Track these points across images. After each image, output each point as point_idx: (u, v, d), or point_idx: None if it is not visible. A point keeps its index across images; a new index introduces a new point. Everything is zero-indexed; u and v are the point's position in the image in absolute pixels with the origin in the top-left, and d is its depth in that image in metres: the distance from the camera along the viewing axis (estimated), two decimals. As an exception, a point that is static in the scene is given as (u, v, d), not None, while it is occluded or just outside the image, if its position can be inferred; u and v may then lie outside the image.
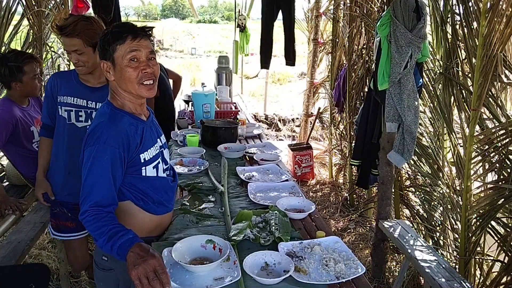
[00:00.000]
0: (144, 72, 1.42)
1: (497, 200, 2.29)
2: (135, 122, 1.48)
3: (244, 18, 6.51)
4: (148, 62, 1.44)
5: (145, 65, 1.43)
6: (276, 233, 1.60)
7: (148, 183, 1.51)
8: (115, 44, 1.41)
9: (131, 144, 1.42)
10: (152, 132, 1.57)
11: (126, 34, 1.41)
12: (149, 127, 1.55)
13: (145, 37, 1.44)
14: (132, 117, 1.48)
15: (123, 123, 1.43)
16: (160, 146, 1.60)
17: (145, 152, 1.48)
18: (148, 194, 1.52)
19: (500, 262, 2.34)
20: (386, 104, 2.54)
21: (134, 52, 1.41)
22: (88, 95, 2.04)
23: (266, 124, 7.24)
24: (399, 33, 2.37)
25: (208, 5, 70.62)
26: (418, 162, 3.05)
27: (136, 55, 1.41)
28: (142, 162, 1.47)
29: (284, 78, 13.34)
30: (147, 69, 1.43)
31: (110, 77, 1.45)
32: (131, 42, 1.41)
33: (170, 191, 1.63)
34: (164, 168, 1.59)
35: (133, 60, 1.41)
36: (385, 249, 2.92)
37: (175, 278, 1.35)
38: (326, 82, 4.95)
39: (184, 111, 3.83)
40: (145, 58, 1.43)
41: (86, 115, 2.04)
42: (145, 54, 1.43)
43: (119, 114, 1.45)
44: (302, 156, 4.73)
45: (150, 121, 1.59)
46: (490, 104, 2.37)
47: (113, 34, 1.42)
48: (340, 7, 4.36)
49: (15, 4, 3.61)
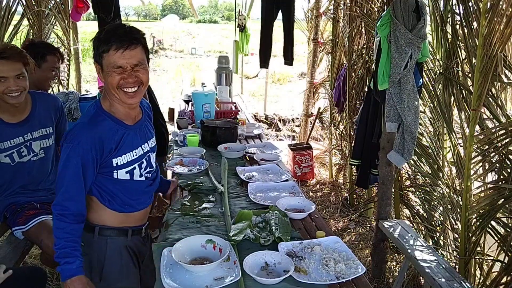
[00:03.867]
0: (125, 81, 1.42)
1: (497, 200, 2.29)
2: (115, 127, 1.48)
3: (244, 18, 6.50)
4: (133, 70, 1.42)
5: (128, 74, 1.42)
6: (276, 233, 1.60)
7: (119, 185, 1.53)
8: (101, 51, 1.40)
9: (104, 148, 1.45)
10: (136, 136, 1.56)
11: (110, 44, 1.38)
12: (134, 131, 1.55)
13: (132, 45, 1.40)
14: (115, 121, 1.49)
15: (101, 127, 1.45)
16: (147, 151, 1.60)
17: (119, 157, 1.49)
18: (116, 196, 1.54)
19: (500, 262, 2.34)
20: (386, 104, 2.53)
21: (117, 64, 1.40)
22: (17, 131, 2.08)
23: (266, 124, 7.24)
24: (399, 33, 2.37)
25: (208, 5, 70.59)
26: (418, 162, 3.05)
27: (120, 65, 1.40)
28: (114, 166, 1.49)
29: (284, 78, 13.34)
30: (129, 78, 1.42)
31: (101, 78, 1.46)
32: (115, 52, 1.39)
33: (144, 194, 1.63)
34: (142, 172, 1.59)
35: (117, 67, 1.40)
36: (385, 249, 2.92)
37: (175, 278, 1.35)
38: (326, 82, 4.94)
39: (184, 111, 3.83)
40: (130, 66, 1.41)
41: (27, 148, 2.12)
42: (129, 62, 1.41)
43: (101, 117, 1.47)
44: (302, 156, 4.73)
45: (139, 124, 1.58)
46: (490, 104, 2.37)
47: (100, 41, 1.41)
48: (340, 7, 4.36)
49: (15, 4, 3.61)
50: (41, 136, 2.18)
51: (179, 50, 21.68)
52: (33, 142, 2.14)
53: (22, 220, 2.09)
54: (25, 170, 2.13)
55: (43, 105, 2.19)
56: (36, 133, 2.15)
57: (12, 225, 2.14)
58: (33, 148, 2.14)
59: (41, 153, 2.18)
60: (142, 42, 1.45)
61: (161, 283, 1.31)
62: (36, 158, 2.16)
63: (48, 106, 2.23)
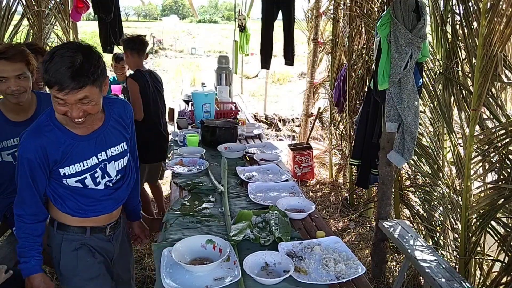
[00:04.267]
0: (70, 114, 1.34)
1: (497, 200, 2.29)
2: (62, 138, 1.43)
3: (244, 18, 6.51)
4: (78, 105, 1.32)
5: (73, 108, 1.32)
6: (276, 233, 1.60)
7: (71, 192, 1.50)
8: (45, 80, 1.29)
9: (49, 159, 1.42)
10: (89, 146, 1.48)
11: (51, 83, 1.27)
12: (87, 141, 1.48)
13: (73, 90, 1.28)
14: (64, 132, 1.43)
15: (46, 138, 1.40)
16: (103, 160, 1.52)
17: (66, 168, 1.45)
18: (68, 200, 1.51)
19: (500, 262, 2.34)
20: (386, 104, 2.53)
21: (60, 101, 1.31)
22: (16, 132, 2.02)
23: (266, 124, 7.24)
24: (399, 33, 2.37)
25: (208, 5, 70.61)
26: (418, 162, 3.05)
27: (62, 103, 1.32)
28: (62, 175, 1.46)
29: (284, 78, 13.34)
30: (73, 114, 1.33)
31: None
32: (57, 93, 1.29)
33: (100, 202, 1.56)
34: (100, 181, 1.53)
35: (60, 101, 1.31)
36: (385, 249, 2.92)
37: (175, 278, 1.35)
38: (326, 82, 4.94)
39: (184, 111, 3.83)
40: (74, 103, 1.31)
41: None
42: (74, 101, 1.31)
43: (48, 127, 1.42)
44: (302, 156, 4.73)
45: (96, 133, 1.50)
46: (490, 104, 2.37)
47: (44, 71, 1.28)
48: (340, 7, 4.36)
49: (15, 4, 3.61)
50: None
51: (179, 50, 21.69)
52: None
53: None
54: None
55: (48, 105, 2.20)
56: None
57: (12, 224, 2.14)
58: None
59: None
60: (91, 81, 1.30)
61: (161, 283, 1.31)
62: None
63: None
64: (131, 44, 3.05)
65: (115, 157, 1.57)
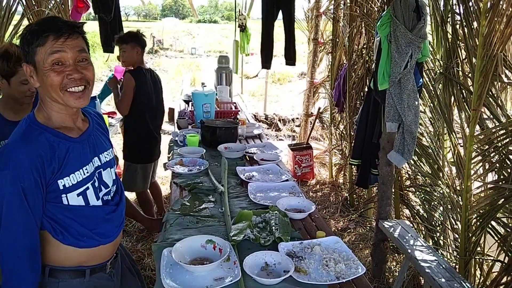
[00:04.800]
0: (69, 78, 1.18)
1: (497, 200, 2.29)
2: (56, 141, 1.21)
3: (244, 18, 6.51)
4: (77, 65, 1.20)
5: (71, 69, 1.18)
6: (276, 233, 1.60)
7: (72, 213, 1.24)
8: (35, 45, 1.16)
9: (46, 169, 1.17)
10: (85, 150, 1.28)
11: (46, 33, 1.15)
12: (81, 144, 1.27)
13: (73, 35, 1.18)
14: (55, 134, 1.22)
15: (38, 142, 1.17)
16: (97, 167, 1.32)
17: (66, 178, 1.21)
18: (70, 226, 1.24)
19: (500, 262, 2.34)
20: (386, 104, 2.53)
21: (57, 54, 1.16)
22: None
23: (266, 124, 7.24)
24: (399, 33, 2.37)
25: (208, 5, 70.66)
26: (418, 162, 3.05)
27: (60, 58, 1.17)
28: (61, 189, 1.21)
29: (284, 78, 13.34)
30: (74, 74, 1.18)
31: (35, 83, 1.20)
32: (53, 42, 1.15)
33: (106, 223, 1.33)
34: (99, 194, 1.31)
35: (56, 64, 1.17)
36: (385, 249, 2.92)
37: (175, 278, 1.35)
38: (326, 82, 4.95)
39: (184, 111, 3.83)
40: (72, 60, 1.18)
41: None
42: (71, 55, 1.18)
43: (36, 132, 1.19)
44: (302, 156, 4.73)
45: (86, 135, 1.31)
46: (490, 104, 2.37)
47: (32, 33, 1.16)
48: (340, 7, 4.36)
49: (15, 4, 3.61)
50: None
51: (179, 50, 21.70)
52: None
53: None
54: None
55: None
56: None
57: None
58: None
59: None
60: (83, 33, 1.23)
61: (161, 283, 1.31)
62: None
63: None
64: (136, 38, 3.01)
65: (108, 163, 1.38)
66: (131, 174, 3.23)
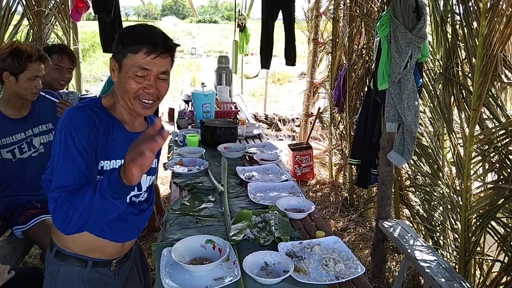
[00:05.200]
0: (145, 91, 1.24)
1: (497, 200, 2.28)
2: (111, 124, 1.27)
3: (244, 18, 6.50)
4: (156, 81, 1.25)
5: (149, 84, 1.24)
6: (276, 233, 1.60)
7: None
8: (127, 50, 1.21)
9: (99, 138, 1.22)
10: None
11: (142, 45, 1.20)
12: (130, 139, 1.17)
13: (164, 53, 1.23)
14: (113, 118, 1.29)
15: (96, 114, 1.24)
16: None
17: (107, 162, 1.25)
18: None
19: (500, 262, 2.34)
20: (386, 104, 2.54)
21: (143, 70, 1.22)
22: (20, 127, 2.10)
23: (266, 124, 7.24)
24: (399, 33, 2.37)
25: (208, 5, 70.68)
26: (418, 162, 3.05)
27: (145, 73, 1.22)
28: (99, 169, 1.24)
29: (284, 78, 13.34)
30: (150, 90, 1.24)
31: (114, 77, 1.27)
32: (144, 57, 1.20)
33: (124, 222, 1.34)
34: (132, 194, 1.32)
35: (139, 75, 1.22)
36: (385, 249, 2.92)
37: (175, 278, 1.35)
38: (326, 82, 4.94)
39: (184, 111, 3.83)
40: (153, 77, 1.24)
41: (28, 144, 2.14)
42: (155, 73, 1.23)
43: (98, 109, 1.27)
44: (302, 156, 4.73)
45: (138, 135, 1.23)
46: (490, 104, 2.37)
47: (129, 38, 1.22)
48: (340, 7, 4.36)
49: (15, 4, 3.61)
50: (41, 132, 2.21)
51: (179, 50, 21.65)
52: (34, 138, 2.18)
53: (23, 220, 2.10)
54: (26, 165, 2.15)
55: (42, 102, 2.22)
56: (36, 129, 2.19)
57: (12, 224, 2.14)
58: (33, 144, 2.17)
59: (41, 148, 2.21)
60: (173, 53, 1.28)
61: (161, 283, 1.31)
62: (36, 154, 2.19)
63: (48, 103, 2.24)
64: None
65: (150, 170, 1.32)
66: None
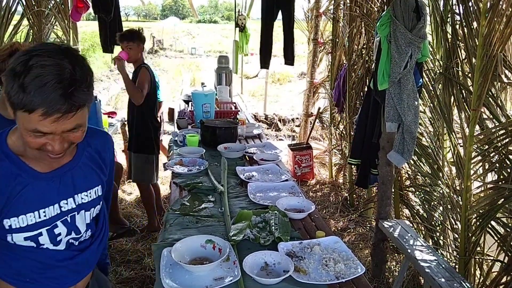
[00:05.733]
0: (49, 147, 0.95)
1: (497, 200, 2.28)
2: (15, 173, 1.01)
3: (244, 18, 6.50)
4: (64, 134, 0.95)
5: (54, 140, 0.94)
6: (276, 233, 1.60)
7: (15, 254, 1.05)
8: (17, 106, 0.89)
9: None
10: (50, 189, 1.05)
11: (34, 106, 0.87)
12: (47, 181, 1.04)
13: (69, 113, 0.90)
14: (18, 165, 1.01)
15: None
16: (70, 210, 1.09)
17: (14, 219, 1.00)
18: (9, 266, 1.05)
19: (500, 262, 2.34)
20: (386, 104, 2.54)
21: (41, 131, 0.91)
22: None
23: (266, 124, 7.24)
24: (399, 33, 2.37)
25: (208, 5, 70.69)
26: (418, 162, 3.05)
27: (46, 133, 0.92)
28: (7, 228, 1.01)
29: (284, 78, 13.35)
30: (56, 147, 0.95)
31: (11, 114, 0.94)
32: (41, 119, 0.89)
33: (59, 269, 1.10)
34: (61, 238, 1.09)
35: (37, 135, 0.92)
36: (385, 249, 2.92)
37: (175, 278, 1.35)
38: (326, 82, 4.95)
39: (184, 111, 3.83)
40: (58, 135, 0.94)
41: None
42: (59, 133, 0.93)
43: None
44: (302, 156, 4.73)
45: (62, 171, 1.08)
46: (490, 104, 2.37)
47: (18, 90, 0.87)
48: (340, 7, 4.36)
49: (15, 4, 3.62)
50: None
51: (179, 50, 21.71)
52: None
53: None
54: None
55: None
56: None
57: None
58: None
59: None
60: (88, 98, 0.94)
61: (161, 283, 1.31)
62: None
63: None
64: (140, 36, 3.13)
65: (85, 205, 1.13)
66: (146, 165, 3.33)
